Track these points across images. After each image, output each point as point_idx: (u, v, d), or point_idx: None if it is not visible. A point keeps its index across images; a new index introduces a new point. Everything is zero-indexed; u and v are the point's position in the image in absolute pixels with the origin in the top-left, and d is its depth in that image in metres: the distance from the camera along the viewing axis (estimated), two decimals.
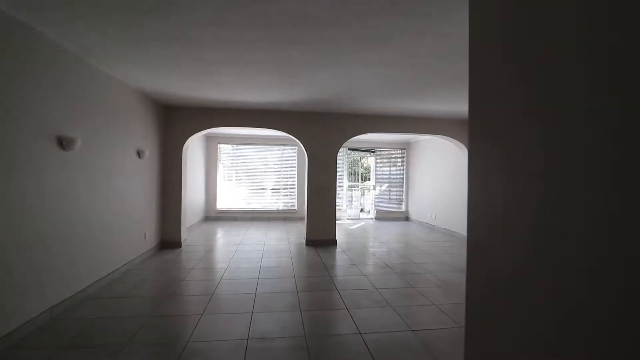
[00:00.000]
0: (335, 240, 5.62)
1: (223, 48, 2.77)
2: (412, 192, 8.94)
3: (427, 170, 8.08)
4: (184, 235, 5.32)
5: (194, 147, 6.97)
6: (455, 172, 6.75)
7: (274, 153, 8.60)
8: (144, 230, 4.45)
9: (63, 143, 2.79)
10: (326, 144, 5.57)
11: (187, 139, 5.21)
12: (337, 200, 5.74)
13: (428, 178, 7.99)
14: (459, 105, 4.79)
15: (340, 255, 4.89)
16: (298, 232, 6.83)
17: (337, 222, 6.16)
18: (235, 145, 8.51)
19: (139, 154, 4.28)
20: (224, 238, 6.06)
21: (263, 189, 8.59)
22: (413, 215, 8.81)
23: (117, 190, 3.69)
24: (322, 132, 5.55)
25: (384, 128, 5.74)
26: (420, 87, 3.89)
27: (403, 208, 9.21)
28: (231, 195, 8.53)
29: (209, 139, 8.29)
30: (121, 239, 3.80)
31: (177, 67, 3.24)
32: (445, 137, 6.02)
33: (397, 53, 2.82)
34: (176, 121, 5.16)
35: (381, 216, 9.05)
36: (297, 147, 8.57)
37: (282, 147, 8.58)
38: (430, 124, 5.93)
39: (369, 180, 10.66)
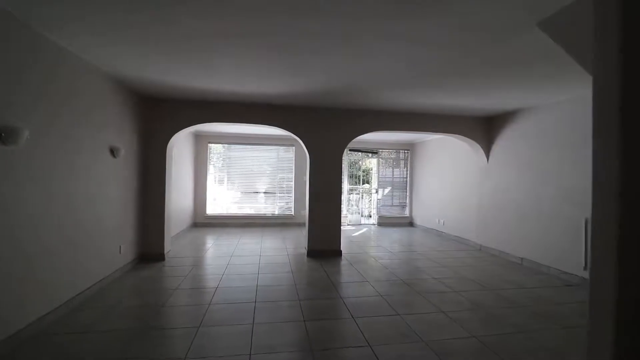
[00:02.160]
0: (340, 251, 5.01)
1: (209, 16, 2.15)
2: (416, 196, 8.40)
3: (434, 172, 7.54)
4: (167, 246, 4.64)
5: (180, 146, 6.29)
6: (467, 175, 6.22)
7: (270, 154, 7.96)
8: (118, 242, 3.77)
9: (2, 135, 2.13)
10: (331, 143, 4.96)
11: (172, 135, 4.55)
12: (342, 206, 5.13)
13: (435, 181, 7.45)
14: (498, 98, 4.20)
15: (348, 269, 4.28)
16: (296, 240, 6.20)
17: None
18: (226, 145, 7.84)
19: (113, 152, 3.61)
20: (214, 248, 5.39)
21: (257, 192, 7.94)
22: (418, 220, 8.26)
23: (81, 195, 3.01)
24: (326, 130, 4.95)
25: (397, 126, 5.16)
26: (455, 75, 3.30)
27: (407, 213, 8.66)
28: (222, 200, 7.85)
29: (197, 137, 7.61)
30: (87, 255, 3.12)
31: (153, 41, 2.59)
32: (462, 136, 5.47)
33: (437, 24, 2.22)
34: (160, 115, 4.50)
35: (384, 222, 8.48)
36: (294, 148, 7.94)
37: (278, 147, 7.94)
38: (449, 122, 5.38)
39: (368, 183, 10.12)
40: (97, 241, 3.29)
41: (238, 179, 7.90)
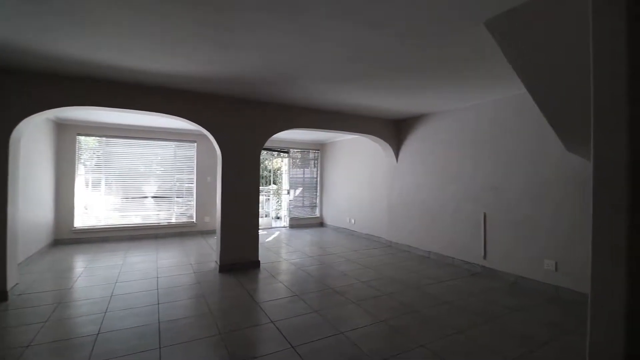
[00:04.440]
0: (259, 262, 4.45)
1: None
2: (327, 196, 8.39)
3: (344, 172, 7.63)
4: (12, 278, 3.25)
5: (34, 137, 4.63)
6: (377, 175, 6.44)
7: (164, 151, 6.70)
8: None
9: None
10: (247, 140, 4.35)
11: (19, 122, 3.20)
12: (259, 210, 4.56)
13: (346, 181, 7.55)
14: (422, 99, 4.23)
15: (272, 283, 3.77)
16: (202, 251, 5.31)
17: None
18: (103, 138, 6.24)
19: None
20: (88, 274, 4.09)
21: (146, 197, 6.58)
22: (328, 220, 8.26)
23: None
24: (243, 125, 4.31)
25: (318, 124, 4.89)
26: (393, 71, 3.13)
27: (317, 213, 8.58)
28: (97, 208, 6.22)
29: (61, 127, 5.82)
30: None
31: None
32: (375, 137, 5.58)
33: (405, 5, 1.96)
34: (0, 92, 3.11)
35: (295, 223, 8.19)
36: (196, 144, 6.90)
37: (175, 143, 6.75)
38: (365, 122, 5.43)
39: (275, 183, 9.72)
40: None
41: (119, 181, 6.39)
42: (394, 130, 5.78)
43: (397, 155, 5.83)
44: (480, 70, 3.11)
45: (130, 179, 6.44)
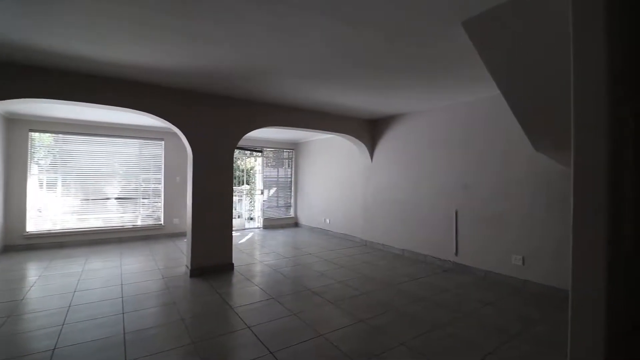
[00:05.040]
0: (232, 264, 4.28)
1: None
2: (301, 196, 8.31)
3: (319, 172, 7.58)
4: None
5: None
6: (353, 174, 6.45)
7: (128, 149, 6.29)
8: None
9: None
10: (221, 138, 4.17)
11: None
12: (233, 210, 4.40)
13: (321, 181, 7.51)
14: (399, 99, 4.25)
15: (247, 287, 3.64)
16: (171, 255, 5.04)
17: None
18: (60, 135, 5.75)
19: None
20: (42, 283, 3.73)
21: (108, 198, 6.16)
22: (303, 220, 8.18)
23: None
24: (215, 122, 4.13)
25: (294, 122, 4.81)
26: (372, 69, 3.11)
27: (291, 214, 8.47)
28: (53, 210, 5.73)
29: (11, 122, 5.30)
30: None
31: None
32: (351, 137, 5.58)
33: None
34: None
35: (269, 224, 8.03)
36: (163, 142, 6.55)
37: (140, 140, 6.37)
38: (341, 122, 5.43)
39: (248, 184, 9.50)
40: None
41: (78, 181, 5.92)
42: (369, 129, 5.81)
43: (372, 154, 5.87)
44: (455, 71, 3.18)
45: (90, 179, 5.99)
